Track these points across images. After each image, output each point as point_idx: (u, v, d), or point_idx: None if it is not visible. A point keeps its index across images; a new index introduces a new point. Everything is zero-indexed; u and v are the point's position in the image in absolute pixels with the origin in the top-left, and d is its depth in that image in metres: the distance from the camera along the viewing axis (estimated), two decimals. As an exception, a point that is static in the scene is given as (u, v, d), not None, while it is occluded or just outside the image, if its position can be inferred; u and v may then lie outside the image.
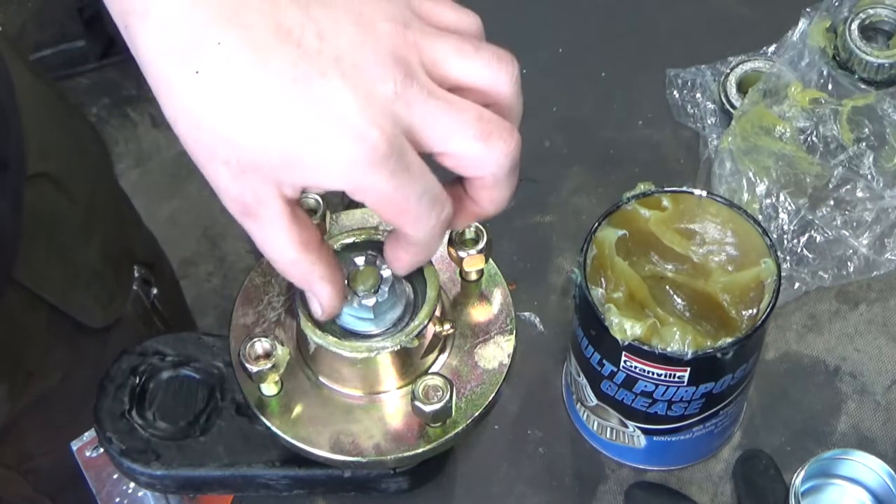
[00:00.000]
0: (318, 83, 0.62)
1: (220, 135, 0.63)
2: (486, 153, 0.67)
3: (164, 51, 0.63)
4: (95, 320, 1.07)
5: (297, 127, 0.63)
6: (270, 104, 0.62)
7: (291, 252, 0.68)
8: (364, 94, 0.63)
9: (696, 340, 0.82)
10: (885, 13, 1.10)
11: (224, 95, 0.62)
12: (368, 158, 0.63)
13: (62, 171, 1.04)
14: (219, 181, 0.65)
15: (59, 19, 2.47)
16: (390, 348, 0.78)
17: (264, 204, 0.66)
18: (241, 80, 0.62)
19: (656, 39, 1.17)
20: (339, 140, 0.63)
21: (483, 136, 0.66)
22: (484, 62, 0.68)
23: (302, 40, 0.63)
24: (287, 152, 0.63)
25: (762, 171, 1.01)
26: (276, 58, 0.62)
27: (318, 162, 0.63)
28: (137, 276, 1.14)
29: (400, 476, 0.86)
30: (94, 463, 0.91)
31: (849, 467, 0.88)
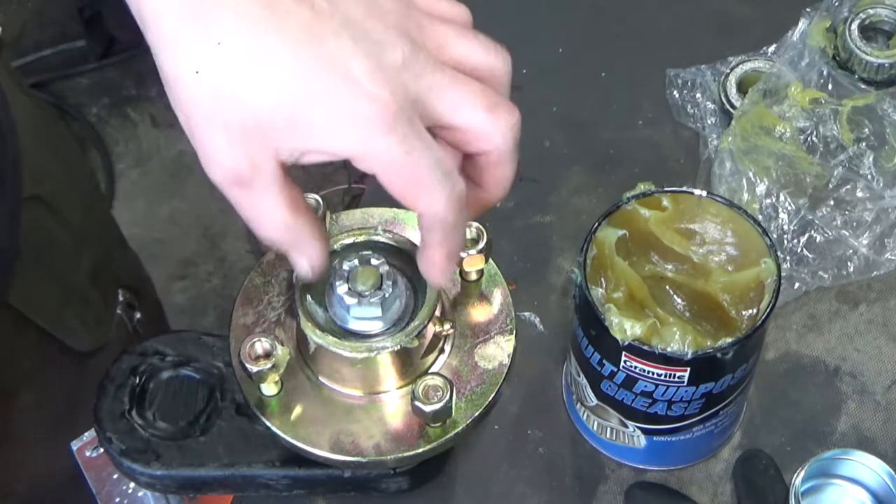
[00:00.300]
0: (331, 43, 0.62)
1: (226, 94, 0.62)
2: (492, 125, 0.67)
3: (175, 7, 0.62)
4: (83, 343, 1.07)
5: (309, 86, 0.62)
6: (283, 63, 0.62)
7: (284, 218, 0.67)
8: (375, 59, 0.63)
9: (696, 340, 0.82)
10: (885, 13, 1.10)
11: (236, 54, 0.62)
12: (379, 120, 0.62)
13: (55, 195, 1.04)
14: (212, 148, 0.64)
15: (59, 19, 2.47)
16: (390, 348, 0.78)
17: (259, 170, 0.64)
18: (254, 40, 0.62)
19: (656, 39, 1.17)
20: (350, 100, 0.62)
21: (489, 108, 0.67)
22: (483, 47, 0.69)
23: (315, 3, 0.63)
24: (296, 111, 0.63)
25: (762, 171, 1.01)
26: (291, 18, 0.62)
27: (327, 121, 0.63)
28: (122, 301, 1.14)
29: (400, 476, 0.86)
30: (94, 463, 0.91)
31: (849, 467, 0.88)
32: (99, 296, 1.11)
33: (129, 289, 1.16)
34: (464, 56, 0.68)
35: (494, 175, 0.70)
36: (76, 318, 1.06)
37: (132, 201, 2.29)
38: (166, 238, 2.24)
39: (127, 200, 2.29)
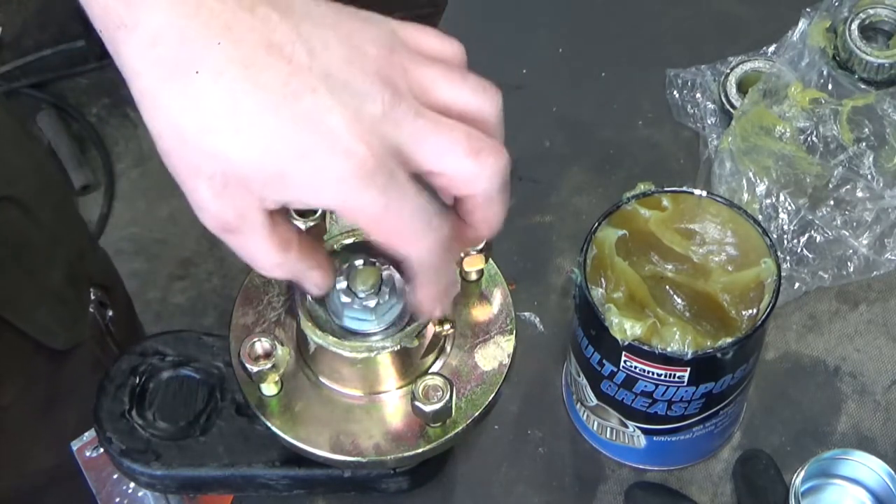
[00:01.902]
0: (308, 99, 0.62)
1: (207, 150, 0.63)
2: (477, 169, 0.66)
3: (152, 64, 0.62)
4: (58, 343, 1.08)
5: (286, 142, 0.62)
6: (260, 119, 0.62)
7: (274, 258, 0.68)
8: (353, 112, 0.63)
9: (696, 340, 0.82)
10: (885, 13, 1.10)
11: (213, 110, 0.62)
12: (357, 175, 0.63)
13: (28, 196, 1.05)
14: (200, 198, 0.65)
15: (59, 19, 2.47)
16: (390, 348, 0.78)
17: (245, 219, 0.65)
18: (231, 95, 0.62)
19: (656, 39, 1.17)
20: (328, 156, 0.62)
21: (473, 153, 0.66)
22: (471, 89, 0.68)
23: (293, 57, 0.62)
24: (275, 168, 0.63)
25: (762, 171, 1.01)
26: (267, 73, 0.62)
27: (305, 178, 0.63)
28: (94, 299, 1.14)
29: (400, 476, 0.86)
30: (94, 463, 0.91)
31: (849, 467, 0.88)
32: (74, 294, 1.11)
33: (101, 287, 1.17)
34: (450, 100, 0.67)
35: (482, 215, 0.69)
36: (52, 317, 1.07)
37: (132, 201, 2.29)
38: (166, 238, 2.24)
39: (127, 200, 2.29)
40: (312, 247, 0.71)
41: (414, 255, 0.67)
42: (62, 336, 1.08)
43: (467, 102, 0.68)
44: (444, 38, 0.70)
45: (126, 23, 0.62)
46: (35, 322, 1.05)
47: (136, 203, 2.29)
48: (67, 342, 1.09)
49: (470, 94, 0.68)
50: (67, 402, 1.10)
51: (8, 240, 1.01)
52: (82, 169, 2.28)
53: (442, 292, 0.72)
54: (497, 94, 0.69)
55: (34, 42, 2.46)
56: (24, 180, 1.06)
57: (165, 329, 0.90)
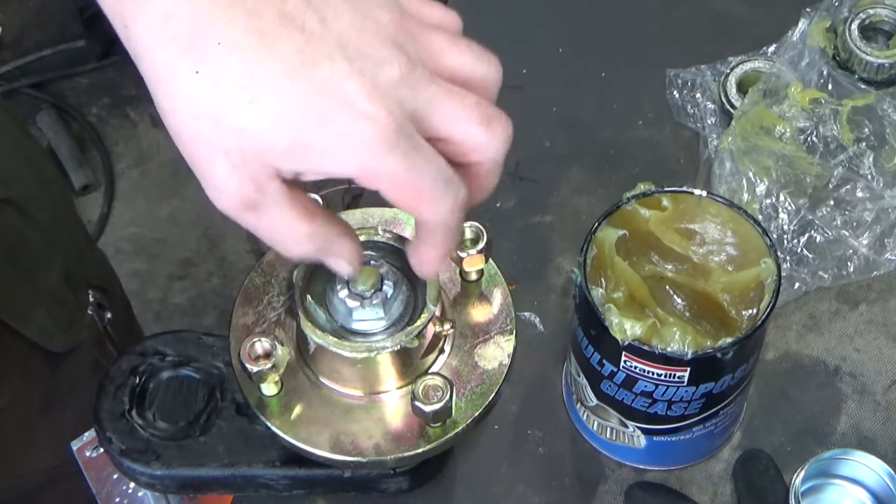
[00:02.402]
0: (325, 66, 0.62)
1: (225, 123, 0.63)
2: (487, 137, 0.67)
3: (166, 39, 0.62)
4: (56, 344, 1.08)
5: (306, 110, 0.62)
6: (277, 89, 0.62)
7: (302, 228, 0.67)
8: (370, 78, 0.63)
9: (696, 340, 0.82)
10: (885, 13, 1.10)
11: (231, 83, 0.62)
12: (379, 140, 0.63)
13: (25, 198, 1.05)
14: (216, 175, 0.65)
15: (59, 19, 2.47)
16: (390, 348, 0.78)
17: (265, 191, 0.65)
18: (246, 67, 0.62)
19: (656, 39, 1.17)
20: (349, 122, 0.62)
21: (485, 121, 0.67)
22: (475, 56, 0.69)
23: (305, 26, 0.63)
24: (294, 136, 0.63)
25: (762, 171, 1.01)
26: (283, 43, 0.62)
27: (327, 146, 0.63)
28: (92, 301, 1.14)
29: (400, 476, 0.86)
30: (94, 463, 0.91)
31: (849, 467, 0.88)
32: (71, 296, 1.11)
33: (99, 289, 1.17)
34: (457, 66, 0.68)
35: (483, 182, 0.70)
36: (49, 319, 1.07)
37: (132, 201, 2.29)
38: (166, 238, 2.24)
39: (127, 200, 2.29)
40: (338, 217, 0.71)
41: (432, 216, 0.67)
42: (60, 338, 1.08)
43: (473, 70, 0.68)
44: (443, 8, 0.71)
45: None
46: (32, 324, 1.04)
47: (136, 203, 2.29)
48: (65, 344, 1.09)
49: (475, 61, 0.69)
50: (65, 403, 1.10)
51: (5, 242, 1.01)
52: (82, 169, 2.28)
53: (447, 254, 0.72)
54: (498, 64, 0.70)
55: (34, 42, 2.46)
56: (21, 182, 1.07)
57: (165, 329, 0.90)
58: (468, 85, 0.68)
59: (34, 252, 1.06)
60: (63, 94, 2.40)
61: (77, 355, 1.11)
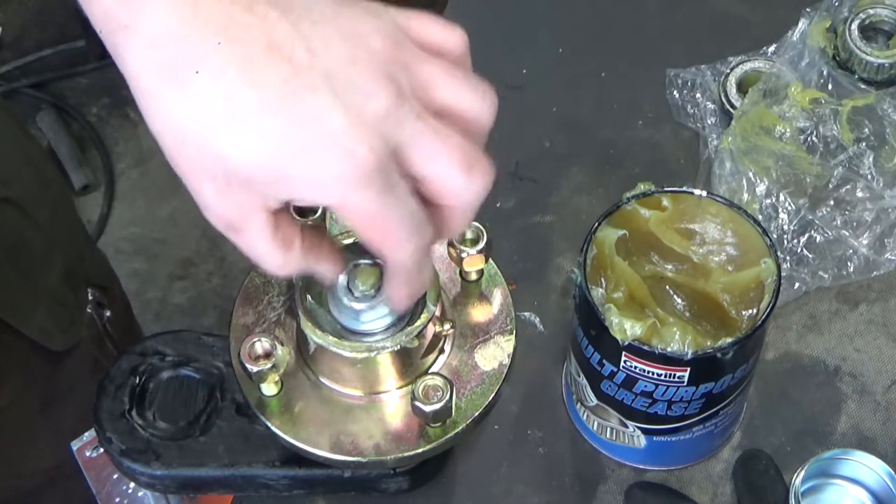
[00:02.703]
0: (309, 99, 0.62)
1: (208, 151, 0.63)
2: (466, 184, 0.67)
3: (153, 67, 0.62)
4: (56, 343, 1.08)
5: (287, 143, 0.62)
6: (261, 120, 0.62)
7: (278, 258, 0.68)
8: (355, 112, 0.63)
9: (696, 340, 0.82)
10: (885, 13, 1.10)
11: (213, 111, 0.62)
12: (356, 175, 0.63)
13: (24, 197, 1.05)
14: (203, 196, 0.65)
15: (59, 19, 2.47)
16: (390, 348, 0.77)
17: (248, 218, 0.66)
18: (231, 96, 0.62)
19: (656, 39, 1.17)
20: (329, 156, 0.62)
21: (466, 167, 0.66)
22: (471, 92, 0.68)
23: (293, 56, 0.62)
24: (275, 168, 0.63)
25: (762, 171, 1.01)
26: (267, 73, 0.62)
27: (306, 177, 0.63)
28: (91, 299, 1.14)
29: (400, 476, 0.86)
30: (94, 463, 0.91)
31: (849, 467, 0.88)
32: (71, 295, 1.11)
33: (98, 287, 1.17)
34: (450, 101, 0.67)
35: (451, 225, 0.70)
36: (49, 318, 1.07)
37: (132, 201, 2.29)
38: (166, 238, 2.24)
39: (127, 200, 2.29)
40: (316, 242, 0.71)
41: (396, 258, 0.68)
42: (60, 337, 1.08)
43: (466, 107, 0.67)
44: (446, 27, 0.70)
45: (125, 25, 0.62)
46: (32, 323, 1.04)
47: (136, 203, 2.29)
48: (65, 343, 1.09)
49: (470, 97, 0.68)
50: (65, 402, 1.10)
51: (5, 241, 1.01)
52: (82, 169, 2.28)
53: (412, 294, 0.72)
54: (494, 100, 0.69)
55: (34, 42, 2.46)
56: (21, 181, 1.06)
57: (165, 329, 0.90)
58: (459, 120, 0.67)
59: (34, 251, 1.05)
60: (63, 94, 2.40)
61: (77, 354, 1.11)
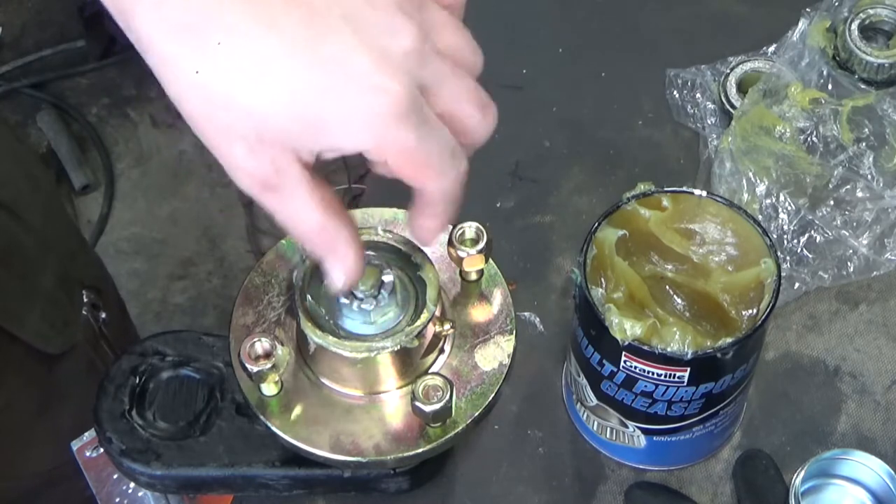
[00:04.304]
0: (332, 42, 0.62)
1: (236, 108, 0.62)
2: (482, 122, 0.68)
3: (167, 27, 0.61)
4: (52, 346, 1.08)
5: (316, 88, 0.62)
6: (286, 68, 0.61)
7: (317, 217, 0.66)
8: (379, 50, 0.62)
9: (696, 340, 0.82)
10: (885, 13, 1.10)
11: (237, 66, 0.61)
12: (391, 112, 0.62)
13: (16, 200, 1.04)
14: (234, 158, 0.64)
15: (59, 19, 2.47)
16: (390, 348, 0.78)
17: (284, 173, 0.64)
18: (253, 48, 0.61)
19: (656, 39, 1.17)
20: (361, 96, 0.62)
21: (482, 106, 0.67)
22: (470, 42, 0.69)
23: (310, 1, 0.62)
24: (308, 115, 0.62)
25: (762, 171, 1.01)
26: (286, 20, 0.61)
27: (341, 121, 0.62)
28: (86, 301, 1.14)
29: (400, 476, 0.86)
30: (94, 463, 0.91)
31: (849, 467, 0.88)
32: (66, 297, 1.11)
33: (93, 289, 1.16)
34: (455, 47, 0.67)
35: None
36: (44, 321, 1.06)
37: (132, 201, 2.29)
38: (166, 238, 2.24)
39: (127, 200, 2.29)
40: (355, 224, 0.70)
41: (437, 188, 0.67)
42: (55, 339, 1.08)
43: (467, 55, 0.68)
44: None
45: None
46: (27, 326, 1.04)
47: (136, 203, 2.29)
48: (61, 345, 1.09)
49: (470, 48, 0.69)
50: (63, 404, 1.10)
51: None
52: (82, 169, 2.28)
53: (446, 223, 0.72)
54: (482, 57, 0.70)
55: (34, 42, 2.46)
56: (13, 184, 1.06)
57: (165, 329, 0.90)
58: (458, 66, 0.68)
59: (27, 254, 1.05)
60: (63, 94, 2.40)
61: (73, 356, 1.11)
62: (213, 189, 2.27)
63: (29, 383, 1.08)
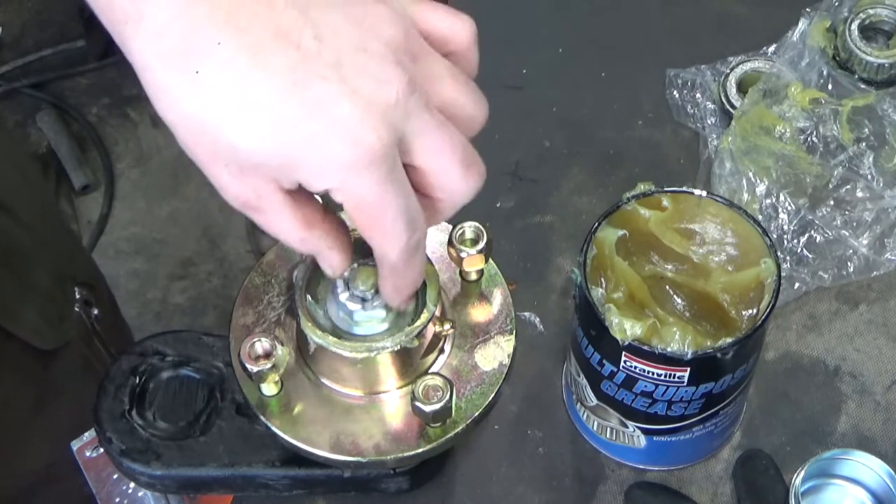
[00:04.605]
0: (317, 87, 0.62)
1: (221, 139, 0.63)
2: (462, 181, 0.67)
3: (161, 56, 0.62)
4: (47, 342, 1.08)
5: (297, 131, 0.62)
6: (270, 108, 0.62)
7: (297, 234, 0.68)
8: (364, 100, 0.63)
9: (696, 340, 0.82)
10: (885, 13, 1.10)
11: (223, 99, 0.62)
12: (362, 161, 0.63)
13: (13, 199, 1.05)
14: (220, 180, 0.66)
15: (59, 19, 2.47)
16: (390, 348, 0.77)
17: (266, 199, 0.66)
18: (240, 84, 0.62)
19: (656, 39, 1.17)
20: (337, 143, 0.63)
21: (465, 164, 0.67)
22: (471, 95, 0.68)
23: (301, 43, 0.62)
24: (285, 155, 0.63)
25: (762, 171, 1.01)
26: (276, 60, 0.62)
27: (315, 164, 0.64)
28: (79, 298, 1.15)
29: (400, 476, 0.86)
30: (94, 463, 0.91)
31: (849, 467, 0.88)
32: (60, 293, 1.11)
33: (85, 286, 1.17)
34: (450, 99, 0.67)
35: (438, 216, 0.70)
36: (40, 317, 1.07)
37: (132, 201, 2.29)
38: (166, 238, 2.24)
39: (127, 200, 2.29)
40: (336, 228, 0.71)
41: (383, 249, 0.68)
42: (50, 335, 1.08)
43: (464, 109, 0.68)
44: (454, 17, 0.70)
45: (131, 16, 0.62)
46: (23, 322, 1.05)
47: (136, 203, 2.29)
48: (55, 341, 1.09)
49: (470, 101, 0.68)
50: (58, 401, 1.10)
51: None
52: (82, 169, 2.28)
53: (399, 289, 0.72)
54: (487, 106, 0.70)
55: (34, 42, 2.46)
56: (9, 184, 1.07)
57: (165, 329, 0.90)
58: (454, 119, 0.67)
59: (24, 252, 1.06)
60: (63, 94, 2.40)
61: (67, 353, 1.11)
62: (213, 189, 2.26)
63: (25, 381, 1.08)
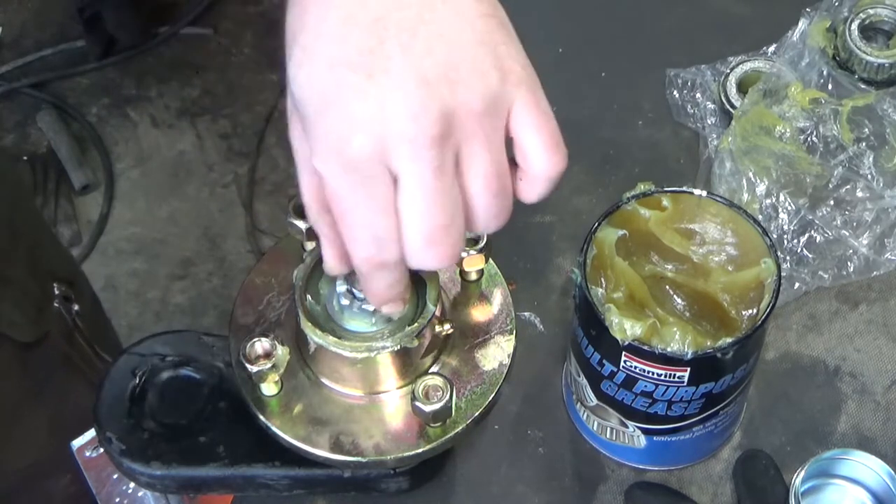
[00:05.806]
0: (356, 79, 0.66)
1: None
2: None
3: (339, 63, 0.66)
4: (24, 334, 1.08)
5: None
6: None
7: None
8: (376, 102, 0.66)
9: (696, 340, 0.82)
10: (885, 13, 1.10)
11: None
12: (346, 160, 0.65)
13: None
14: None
15: (59, 19, 2.47)
16: (390, 348, 0.78)
17: None
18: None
19: (656, 39, 1.17)
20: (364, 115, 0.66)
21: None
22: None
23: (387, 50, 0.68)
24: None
25: (762, 171, 1.01)
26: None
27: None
28: (58, 294, 1.15)
29: (400, 476, 0.86)
30: (94, 463, 0.91)
31: (849, 467, 0.88)
32: (37, 287, 1.11)
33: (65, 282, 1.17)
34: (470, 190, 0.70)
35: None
36: (16, 309, 1.07)
37: (132, 201, 2.29)
38: (166, 238, 2.24)
39: (127, 200, 2.29)
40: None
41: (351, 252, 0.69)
42: (27, 328, 1.08)
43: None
44: (549, 148, 0.78)
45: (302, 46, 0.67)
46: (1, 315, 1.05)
47: (136, 203, 2.29)
48: (33, 334, 1.09)
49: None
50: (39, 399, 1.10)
51: None
52: (82, 169, 2.28)
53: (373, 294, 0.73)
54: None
55: (34, 42, 2.46)
56: None
57: (165, 329, 0.90)
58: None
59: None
60: (63, 94, 2.40)
61: (47, 348, 1.11)
62: (213, 189, 2.27)
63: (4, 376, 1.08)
